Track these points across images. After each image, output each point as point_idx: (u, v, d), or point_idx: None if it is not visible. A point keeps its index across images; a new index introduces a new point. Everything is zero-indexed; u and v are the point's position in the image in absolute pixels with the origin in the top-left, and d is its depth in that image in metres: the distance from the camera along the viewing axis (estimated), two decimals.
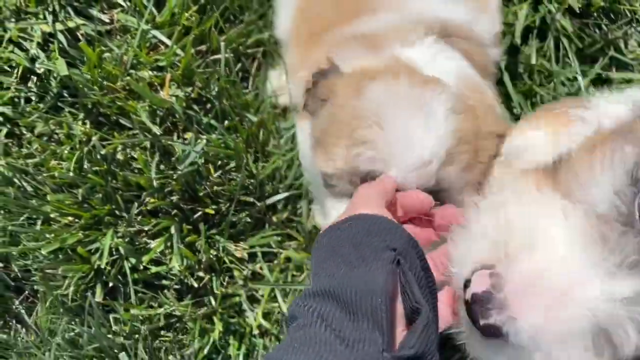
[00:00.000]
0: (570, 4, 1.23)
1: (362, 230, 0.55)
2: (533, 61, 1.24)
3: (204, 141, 1.14)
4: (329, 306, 0.48)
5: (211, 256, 1.13)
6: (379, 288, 0.47)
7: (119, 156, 1.15)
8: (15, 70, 1.20)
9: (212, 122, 1.18)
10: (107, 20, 1.24)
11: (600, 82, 1.27)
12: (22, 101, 1.21)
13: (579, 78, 1.23)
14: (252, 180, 1.16)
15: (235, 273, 1.16)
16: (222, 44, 1.19)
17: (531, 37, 1.25)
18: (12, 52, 1.20)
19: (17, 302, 1.20)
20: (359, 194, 0.68)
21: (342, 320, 0.47)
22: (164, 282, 1.15)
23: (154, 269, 1.13)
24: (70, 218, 1.14)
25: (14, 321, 1.21)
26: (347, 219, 0.58)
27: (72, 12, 1.23)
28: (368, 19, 0.93)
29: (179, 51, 1.19)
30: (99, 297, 1.13)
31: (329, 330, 0.47)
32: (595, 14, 1.27)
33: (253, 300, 1.17)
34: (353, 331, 0.46)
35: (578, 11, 1.23)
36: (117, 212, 1.14)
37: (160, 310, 1.13)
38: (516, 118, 1.22)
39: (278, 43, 1.22)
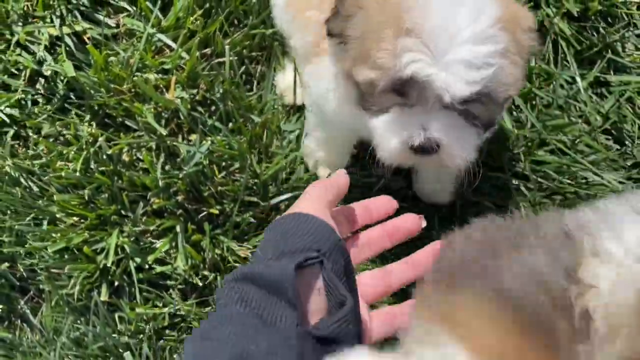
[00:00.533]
0: (568, 7, 1.26)
1: (293, 229, 0.61)
2: (532, 64, 1.26)
3: (209, 142, 1.15)
4: (248, 287, 0.57)
5: (216, 255, 1.14)
6: (288, 276, 0.55)
7: (125, 157, 1.17)
8: (23, 73, 1.22)
9: (217, 123, 1.20)
10: (114, 25, 1.27)
11: (599, 84, 1.29)
12: (29, 103, 1.23)
13: (578, 80, 1.25)
14: (255, 181, 1.17)
15: None
16: (227, 47, 1.21)
17: None
18: (19, 55, 1.23)
19: (22, 302, 1.21)
20: (308, 192, 0.69)
21: (260, 300, 0.56)
22: (169, 281, 1.16)
23: (159, 269, 1.14)
24: (76, 218, 1.16)
25: (19, 321, 1.21)
26: (288, 215, 0.64)
27: (79, 16, 1.25)
28: None
29: (184, 54, 1.21)
30: (104, 297, 1.14)
31: (249, 309, 0.55)
32: (592, 18, 1.29)
33: None
34: (270, 307, 0.55)
35: (576, 15, 1.26)
36: (122, 212, 1.15)
37: (165, 310, 1.13)
38: (516, 120, 1.24)
39: (282, 40, 1.24)
